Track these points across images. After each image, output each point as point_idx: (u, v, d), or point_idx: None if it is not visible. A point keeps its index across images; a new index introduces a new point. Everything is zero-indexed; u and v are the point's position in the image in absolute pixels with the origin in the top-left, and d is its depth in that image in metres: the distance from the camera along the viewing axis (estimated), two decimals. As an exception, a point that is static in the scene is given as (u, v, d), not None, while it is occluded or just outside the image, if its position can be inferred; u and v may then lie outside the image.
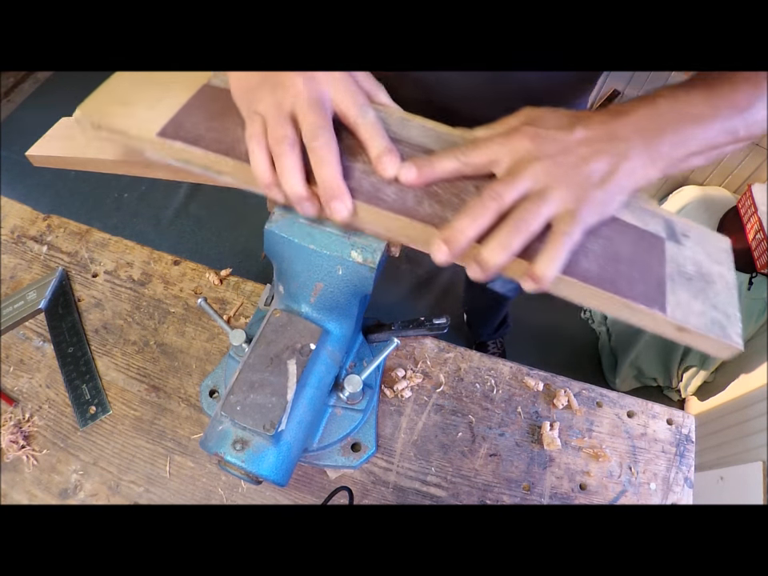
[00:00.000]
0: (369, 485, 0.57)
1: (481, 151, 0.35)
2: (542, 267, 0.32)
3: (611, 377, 1.56)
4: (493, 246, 0.32)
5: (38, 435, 0.58)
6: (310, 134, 0.33)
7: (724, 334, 0.34)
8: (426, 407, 0.61)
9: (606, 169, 0.34)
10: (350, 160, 0.35)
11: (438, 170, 0.35)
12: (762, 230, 1.20)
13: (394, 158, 0.35)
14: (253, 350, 0.44)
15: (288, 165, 0.33)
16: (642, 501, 0.58)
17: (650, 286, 0.34)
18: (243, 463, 0.42)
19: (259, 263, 1.71)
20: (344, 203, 0.33)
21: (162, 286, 0.68)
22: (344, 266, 0.42)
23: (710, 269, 0.37)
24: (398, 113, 0.39)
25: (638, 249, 0.36)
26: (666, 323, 0.34)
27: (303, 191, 0.34)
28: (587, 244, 0.35)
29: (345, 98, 0.35)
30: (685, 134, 0.36)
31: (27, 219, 0.74)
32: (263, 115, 0.34)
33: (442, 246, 0.33)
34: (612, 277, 0.34)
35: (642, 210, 0.39)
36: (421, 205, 0.34)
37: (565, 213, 0.33)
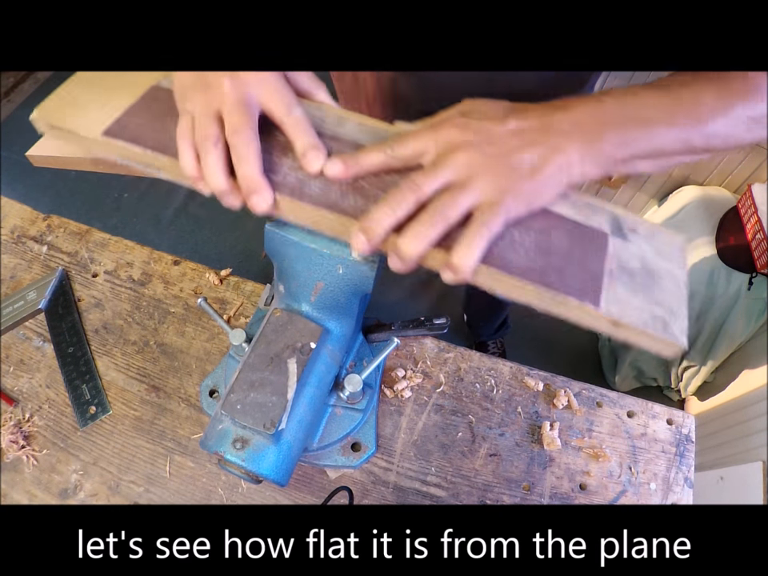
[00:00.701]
0: (369, 485, 0.57)
1: (408, 143, 0.35)
2: (459, 257, 0.32)
3: (611, 377, 1.56)
4: (409, 236, 0.32)
5: (38, 435, 0.58)
6: (231, 132, 0.34)
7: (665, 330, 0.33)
8: (426, 407, 0.61)
9: (536, 160, 0.34)
10: (279, 156, 0.37)
11: (364, 164, 0.35)
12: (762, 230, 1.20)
13: (318, 153, 0.35)
14: (253, 349, 0.44)
15: (210, 161, 0.34)
16: (642, 501, 0.57)
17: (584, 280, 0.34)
18: (243, 462, 0.42)
19: (259, 263, 1.71)
20: (262, 197, 0.35)
21: (162, 286, 0.68)
22: (344, 264, 0.42)
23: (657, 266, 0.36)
24: (335, 110, 0.40)
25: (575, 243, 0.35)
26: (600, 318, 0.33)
27: (224, 186, 0.35)
28: (516, 237, 0.34)
29: (271, 98, 0.36)
30: (627, 136, 0.36)
31: (27, 219, 0.74)
32: (192, 114, 0.36)
33: (359, 235, 0.33)
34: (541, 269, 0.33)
35: (587, 206, 0.38)
36: (345, 199, 0.35)
37: (486, 203, 0.33)
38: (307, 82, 0.40)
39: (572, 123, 0.35)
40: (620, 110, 0.36)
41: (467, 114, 0.36)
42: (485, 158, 0.34)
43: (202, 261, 0.71)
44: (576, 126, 0.35)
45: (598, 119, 0.36)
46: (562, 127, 0.35)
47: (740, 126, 0.38)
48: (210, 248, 1.76)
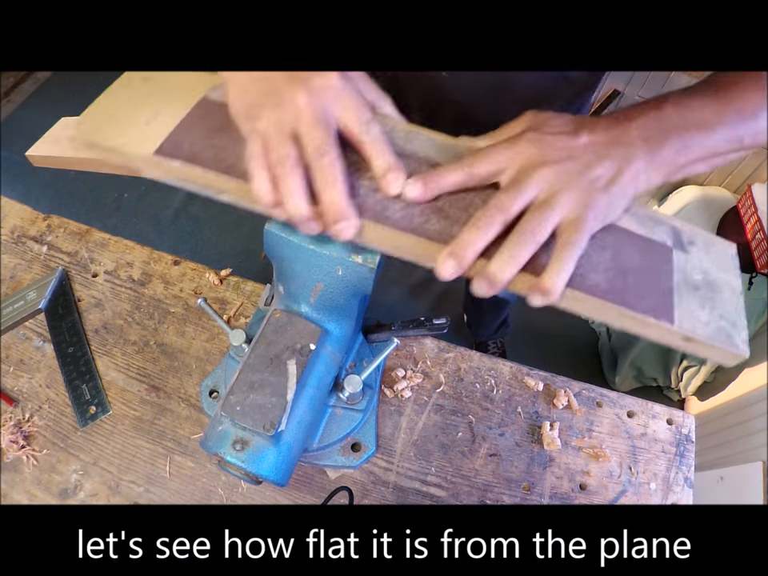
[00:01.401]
0: (369, 485, 0.57)
1: (485, 161, 0.34)
2: (551, 280, 0.31)
3: (611, 377, 1.56)
4: (500, 259, 0.31)
5: (38, 435, 0.58)
6: (314, 152, 0.32)
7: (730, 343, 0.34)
8: (426, 407, 0.61)
9: (611, 174, 0.34)
10: (354, 177, 0.35)
11: (443, 184, 0.34)
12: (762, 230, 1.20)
13: (399, 174, 0.34)
14: (253, 350, 0.44)
15: (290, 186, 0.32)
16: (642, 501, 0.58)
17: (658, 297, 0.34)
18: (243, 463, 0.42)
19: (259, 263, 1.71)
20: (350, 224, 0.33)
21: (162, 286, 0.68)
22: (344, 266, 0.42)
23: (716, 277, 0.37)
24: (402, 125, 0.38)
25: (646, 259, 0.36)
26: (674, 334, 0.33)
27: (307, 213, 0.33)
28: (594, 256, 0.35)
29: (349, 114, 0.34)
30: (689, 140, 0.36)
31: (27, 219, 0.74)
32: (264, 134, 0.33)
33: (448, 260, 0.32)
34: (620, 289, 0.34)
35: (648, 218, 0.38)
36: (428, 221, 0.34)
37: (570, 220, 0.33)
38: (373, 93, 0.38)
39: (637, 134, 0.35)
40: (678, 115, 0.36)
41: (537, 129, 0.35)
42: (564, 173, 0.33)
43: (202, 261, 0.71)
44: (641, 136, 0.35)
45: (660, 127, 0.36)
46: (630, 138, 0.35)
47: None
48: (210, 248, 1.76)
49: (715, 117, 0.37)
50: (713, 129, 0.36)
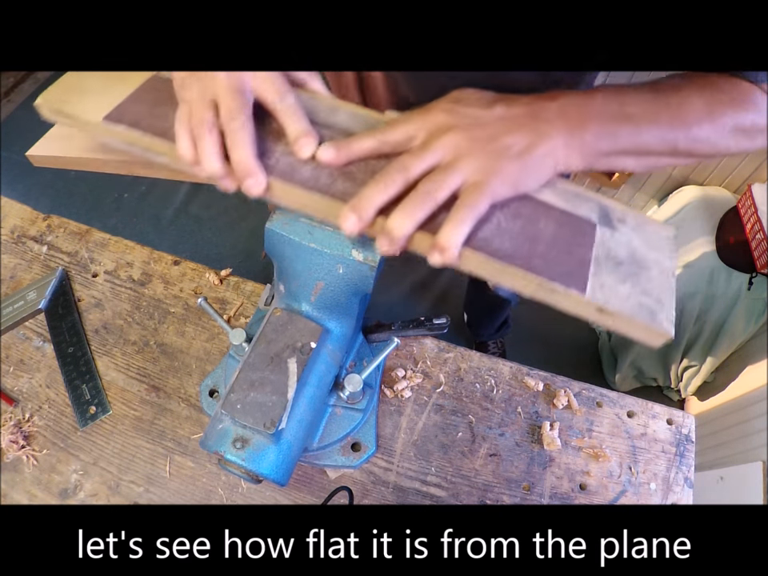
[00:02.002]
0: (369, 485, 0.57)
1: (397, 129, 0.36)
2: (445, 236, 0.32)
3: (611, 377, 1.56)
4: (397, 214, 0.33)
5: (38, 435, 0.58)
6: (226, 117, 0.35)
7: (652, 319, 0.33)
8: (426, 407, 0.61)
9: (523, 144, 0.35)
10: (272, 142, 0.38)
11: (355, 150, 0.36)
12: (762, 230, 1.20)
13: (310, 139, 0.36)
14: (253, 349, 0.44)
15: (206, 146, 0.35)
16: (642, 501, 0.57)
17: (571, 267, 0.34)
18: (243, 462, 0.42)
19: (259, 263, 1.71)
20: (256, 180, 0.35)
21: (162, 286, 0.68)
22: (344, 264, 0.42)
23: (645, 255, 0.36)
24: (328, 100, 0.40)
25: (563, 231, 0.36)
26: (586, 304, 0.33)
27: (220, 170, 0.36)
28: (504, 223, 0.35)
29: (264, 85, 0.36)
30: (612, 129, 0.37)
31: (27, 219, 0.74)
32: (189, 101, 0.37)
33: (349, 215, 0.33)
34: (527, 255, 0.34)
35: (575, 196, 0.38)
36: (335, 183, 0.36)
37: (472, 183, 0.33)
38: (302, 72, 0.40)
39: (557, 112, 0.36)
40: (606, 104, 0.37)
41: (456, 101, 0.37)
42: (471, 140, 0.34)
43: (202, 261, 0.71)
44: (561, 115, 0.36)
45: (583, 111, 0.37)
46: (548, 115, 0.36)
47: (726, 133, 0.39)
48: (210, 248, 1.76)
49: (645, 114, 0.37)
50: (640, 124, 0.37)
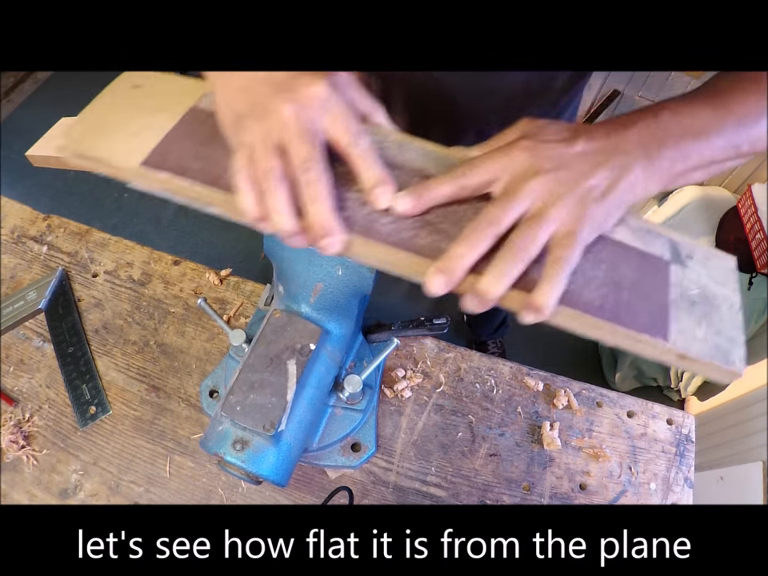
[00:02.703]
0: (369, 485, 0.57)
1: (476, 171, 0.33)
2: (542, 297, 0.30)
3: (611, 377, 1.56)
4: (490, 276, 0.30)
5: (38, 435, 0.58)
6: (299, 166, 0.31)
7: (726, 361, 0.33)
8: (426, 407, 0.61)
9: (607, 183, 0.33)
10: (342, 189, 0.34)
11: (434, 196, 0.33)
12: (762, 230, 1.20)
13: (388, 187, 0.33)
14: (253, 350, 0.44)
15: (276, 201, 0.31)
16: (641, 501, 0.58)
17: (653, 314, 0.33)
18: (243, 463, 0.42)
19: (259, 263, 1.71)
20: (337, 239, 0.32)
21: (162, 286, 0.68)
22: (344, 266, 0.42)
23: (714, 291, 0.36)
24: (394, 135, 0.37)
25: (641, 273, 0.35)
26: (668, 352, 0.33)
27: (293, 228, 0.32)
28: (588, 271, 0.34)
29: (337, 126, 0.33)
30: (687, 149, 0.35)
31: (27, 219, 0.74)
32: (250, 146, 0.32)
33: (437, 276, 0.31)
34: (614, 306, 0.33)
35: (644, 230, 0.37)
36: (417, 236, 0.33)
37: (562, 234, 0.32)
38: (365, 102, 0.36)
39: (635, 142, 0.34)
40: (676, 123, 0.35)
41: (531, 137, 0.34)
42: (558, 184, 0.32)
43: (202, 261, 0.71)
44: (638, 145, 0.34)
45: (657, 135, 0.35)
46: (626, 147, 0.34)
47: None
48: (210, 248, 1.76)
49: (713, 124, 0.36)
50: (710, 136, 0.36)
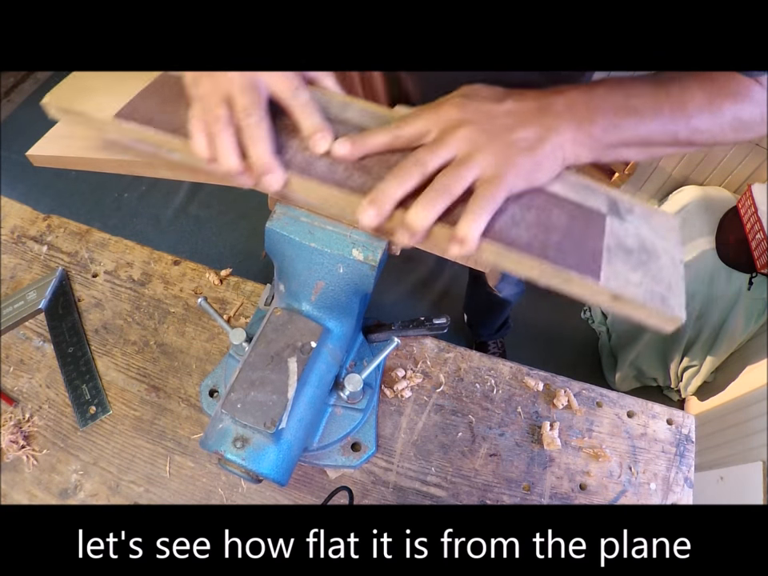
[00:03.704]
0: (369, 485, 0.57)
1: (411, 124, 0.37)
2: (464, 227, 0.33)
3: (611, 377, 1.56)
4: (417, 207, 0.33)
5: (38, 435, 0.58)
6: (241, 114, 0.35)
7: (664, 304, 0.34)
8: (426, 407, 0.61)
9: (533, 137, 0.36)
10: (286, 138, 0.38)
11: (370, 144, 0.37)
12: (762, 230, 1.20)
13: (325, 134, 0.37)
14: (253, 348, 0.44)
15: (222, 142, 0.35)
16: (641, 501, 0.58)
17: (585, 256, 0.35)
18: (243, 461, 0.42)
19: (259, 263, 1.71)
20: (275, 176, 0.36)
21: (162, 286, 0.68)
22: (345, 264, 0.42)
23: (654, 244, 0.37)
24: (340, 96, 0.41)
25: (575, 221, 0.37)
26: (600, 291, 0.34)
27: (237, 167, 0.36)
28: (518, 214, 0.36)
29: (278, 81, 0.37)
30: (617, 122, 0.37)
31: (27, 219, 0.74)
32: (202, 98, 0.37)
33: (368, 208, 0.34)
34: (542, 245, 0.35)
35: (584, 187, 0.39)
36: (351, 177, 0.37)
37: (488, 176, 0.34)
38: None
39: (566, 106, 0.37)
40: (610, 97, 0.38)
41: (466, 96, 0.38)
42: (484, 134, 0.35)
43: (202, 261, 0.71)
44: (569, 109, 0.37)
45: (589, 104, 0.37)
46: (557, 110, 0.37)
47: (725, 124, 0.40)
48: (210, 248, 1.76)
49: (648, 106, 0.38)
50: (644, 116, 0.38)
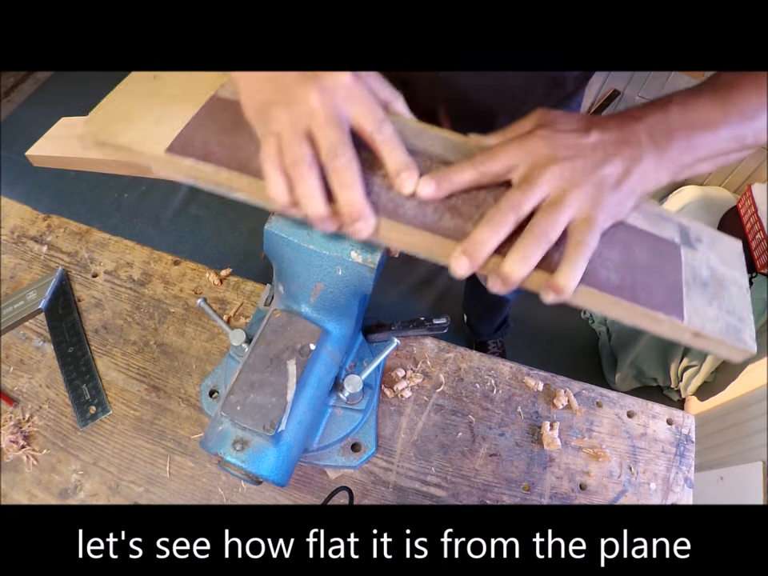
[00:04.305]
0: (369, 485, 0.57)
1: (497, 159, 0.35)
2: (564, 278, 0.32)
3: (611, 377, 1.56)
4: (514, 258, 0.32)
5: (38, 435, 0.58)
6: (329, 152, 0.32)
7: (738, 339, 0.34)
8: (426, 407, 0.61)
9: (620, 172, 0.34)
10: (368, 175, 0.35)
11: (455, 182, 0.35)
12: (762, 230, 1.20)
13: (412, 173, 0.34)
14: (253, 350, 0.44)
15: (307, 187, 0.32)
16: (641, 501, 0.58)
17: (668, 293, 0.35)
18: (243, 463, 0.42)
19: (259, 263, 1.71)
20: (367, 223, 0.33)
21: (162, 286, 0.68)
22: (344, 266, 0.42)
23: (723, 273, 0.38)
24: (413, 123, 0.38)
25: (654, 255, 0.36)
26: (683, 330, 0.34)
27: (325, 213, 0.33)
28: (604, 252, 0.35)
29: (362, 113, 0.34)
30: (694, 140, 0.36)
31: (27, 219, 0.74)
32: (278, 134, 0.33)
33: (462, 258, 0.32)
34: (630, 285, 0.34)
35: (656, 216, 0.39)
36: (441, 219, 0.34)
37: (582, 219, 0.33)
38: (386, 91, 0.38)
39: (645, 134, 0.36)
40: (684, 115, 0.37)
41: (547, 126, 0.36)
42: (575, 172, 0.34)
43: (202, 261, 0.71)
44: (650, 137, 0.36)
45: (667, 127, 0.36)
46: (638, 138, 0.36)
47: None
48: (210, 248, 1.76)
49: (719, 117, 0.37)
50: (717, 128, 0.37)
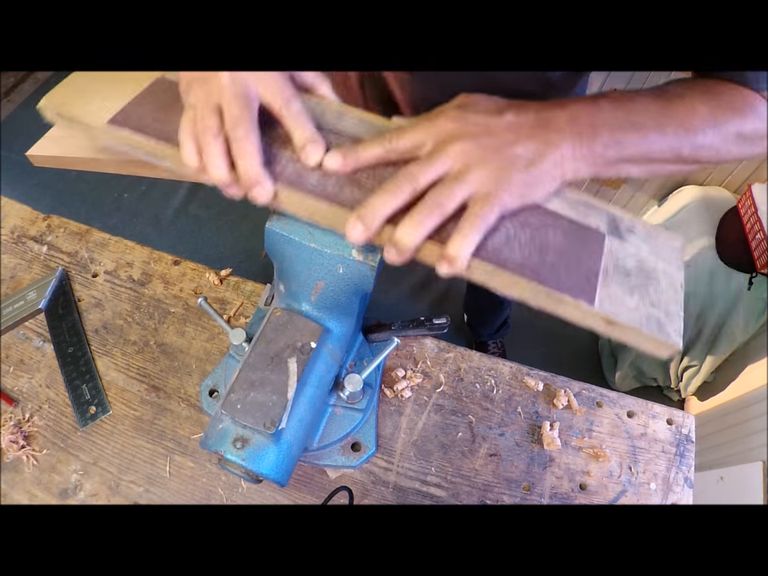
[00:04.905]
0: (369, 485, 0.57)
1: (405, 136, 0.35)
2: (453, 247, 0.32)
3: (611, 377, 1.56)
4: (406, 225, 0.32)
5: (38, 435, 0.58)
6: (230, 125, 0.35)
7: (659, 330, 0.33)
8: (426, 407, 0.61)
9: (531, 154, 0.34)
10: (278, 148, 0.37)
11: (362, 157, 0.36)
12: (762, 230, 1.20)
13: (317, 146, 0.36)
14: (253, 349, 0.44)
15: (211, 154, 0.35)
16: (641, 501, 0.57)
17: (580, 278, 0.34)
18: (243, 461, 0.42)
19: (259, 263, 1.71)
20: (263, 188, 0.35)
21: (162, 286, 0.68)
22: (345, 264, 0.42)
23: (653, 266, 0.36)
24: (335, 105, 0.40)
25: (572, 241, 0.35)
26: (594, 316, 0.33)
27: (226, 178, 0.35)
28: (512, 232, 0.35)
29: (270, 91, 0.36)
30: (620, 137, 0.36)
31: (27, 219, 0.74)
32: (193, 106, 0.36)
33: (356, 224, 0.33)
34: (536, 266, 0.33)
35: (584, 205, 0.38)
36: (342, 191, 0.36)
37: (481, 194, 0.33)
38: (310, 76, 0.40)
39: (567, 121, 0.36)
40: (613, 112, 0.37)
41: (464, 108, 0.36)
42: (480, 149, 0.34)
43: (202, 261, 0.71)
44: (570, 124, 0.36)
45: (592, 119, 0.36)
46: (558, 124, 0.36)
47: (729, 140, 0.38)
48: (210, 248, 1.76)
49: (651, 122, 0.37)
50: (647, 133, 0.37)
